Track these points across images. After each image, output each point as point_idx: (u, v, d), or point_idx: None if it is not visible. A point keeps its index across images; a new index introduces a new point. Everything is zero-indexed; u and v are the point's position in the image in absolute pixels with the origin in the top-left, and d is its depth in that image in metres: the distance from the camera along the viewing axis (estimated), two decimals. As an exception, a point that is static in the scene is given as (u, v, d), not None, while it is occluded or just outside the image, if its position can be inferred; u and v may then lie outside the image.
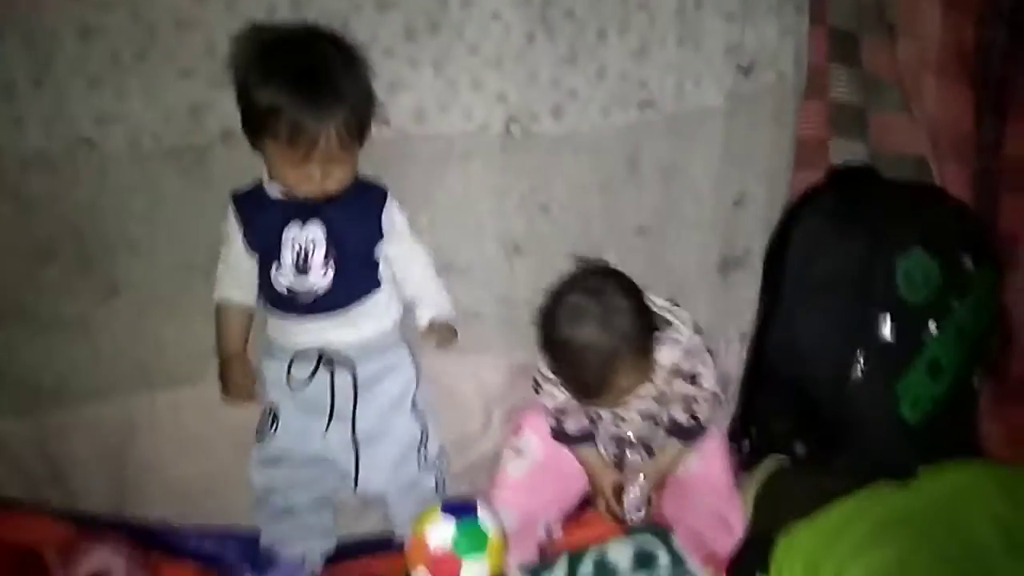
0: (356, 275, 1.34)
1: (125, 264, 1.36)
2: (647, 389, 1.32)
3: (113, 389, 1.40)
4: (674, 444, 1.39)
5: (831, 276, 1.40)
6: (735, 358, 1.58)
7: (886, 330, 1.34)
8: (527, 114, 1.40)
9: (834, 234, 1.42)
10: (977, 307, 1.37)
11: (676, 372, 1.32)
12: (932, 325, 1.35)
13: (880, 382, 1.34)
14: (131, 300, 1.37)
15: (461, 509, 1.30)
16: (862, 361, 1.35)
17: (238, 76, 1.25)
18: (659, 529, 1.41)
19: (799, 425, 1.44)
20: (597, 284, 1.25)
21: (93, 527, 1.33)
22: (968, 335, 1.37)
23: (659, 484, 1.42)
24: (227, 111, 1.29)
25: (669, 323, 1.31)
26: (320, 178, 1.25)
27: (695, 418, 1.36)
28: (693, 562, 1.35)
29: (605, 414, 1.39)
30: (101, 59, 1.27)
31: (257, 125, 1.24)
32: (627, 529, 1.41)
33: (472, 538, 1.27)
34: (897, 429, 1.35)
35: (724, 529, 1.37)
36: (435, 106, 1.38)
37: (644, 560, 1.37)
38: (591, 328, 1.21)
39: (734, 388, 1.57)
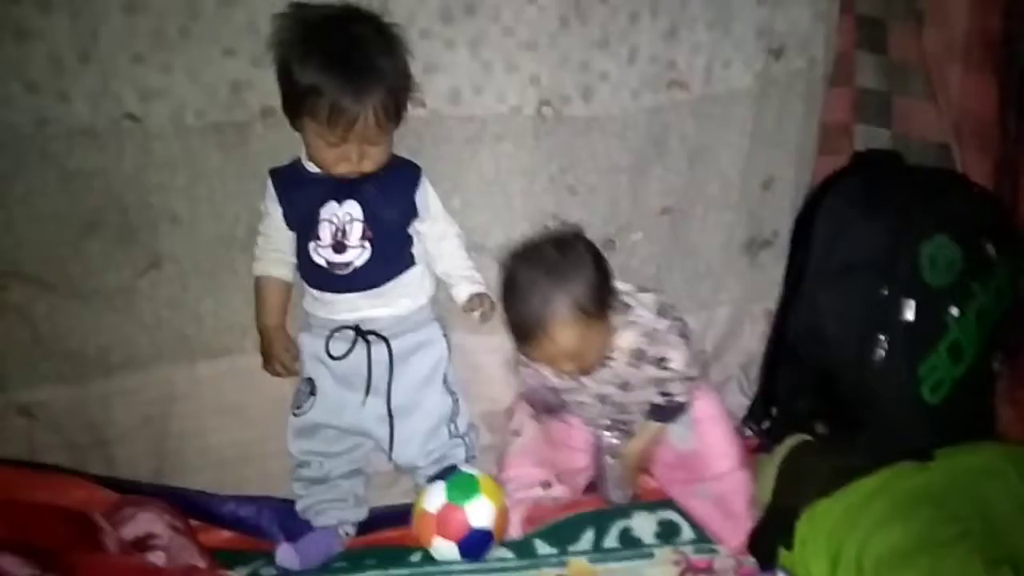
0: (392, 252, 1.37)
1: (167, 237, 1.39)
2: (604, 374, 1.34)
3: (154, 359, 1.43)
4: (650, 425, 1.42)
5: (855, 259, 1.42)
6: (760, 336, 1.61)
7: (909, 313, 1.36)
8: (559, 97, 1.43)
9: (858, 218, 1.44)
10: (998, 292, 1.40)
11: (640, 356, 1.33)
12: (954, 309, 1.37)
13: (902, 364, 1.37)
14: (172, 272, 1.41)
15: (443, 472, 1.39)
16: (885, 343, 1.37)
17: (279, 55, 1.27)
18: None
19: (820, 405, 1.46)
20: (566, 239, 1.29)
21: (134, 493, 1.36)
22: (988, 319, 1.39)
23: (640, 464, 1.44)
24: (268, 89, 1.32)
25: (629, 307, 1.33)
26: (357, 158, 1.28)
27: (669, 396, 1.38)
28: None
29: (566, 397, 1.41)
30: (146, 35, 1.29)
31: (297, 104, 1.26)
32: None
33: (464, 486, 1.35)
34: (918, 410, 1.37)
35: (729, 518, 1.38)
36: (470, 87, 1.40)
37: (668, 532, 1.41)
38: (542, 269, 1.24)
39: (757, 367, 1.61)
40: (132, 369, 1.43)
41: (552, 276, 1.24)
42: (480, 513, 1.34)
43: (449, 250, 1.42)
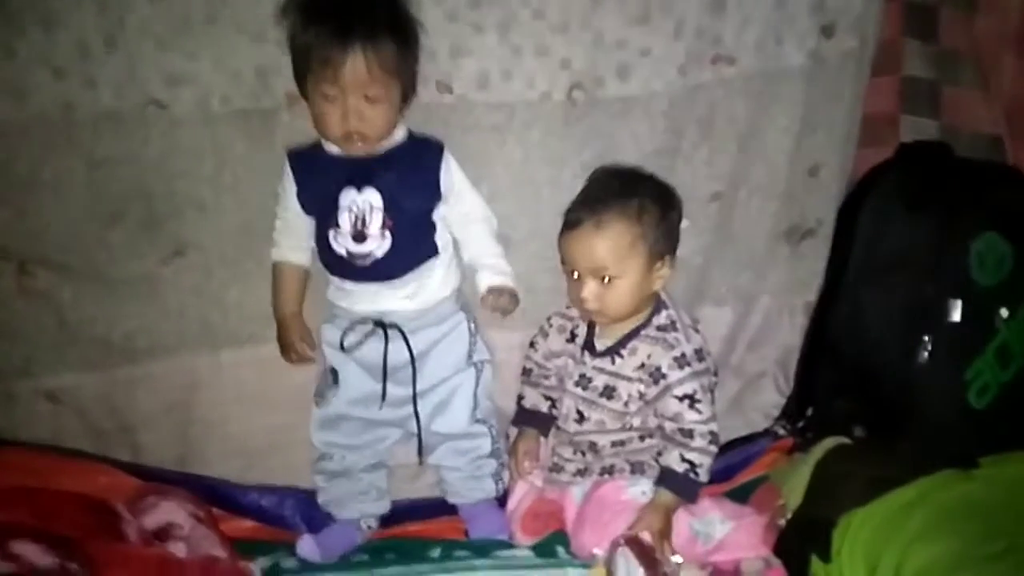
0: (413, 242, 1.33)
1: (192, 225, 1.38)
2: (602, 362, 1.32)
3: (178, 347, 1.43)
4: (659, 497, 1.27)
5: (900, 256, 1.38)
6: (798, 331, 1.57)
7: (956, 314, 1.32)
8: (591, 79, 1.38)
9: (904, 213, 1.39)
10: (1052, 293, 1.34)
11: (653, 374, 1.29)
12: (1004, 310, 1.32)
13: (948, 367, 1.32)
14: (197, 260, 1.40)
15: None
16: (930, 344, 1.33)
17: (287, 27, 1.25)
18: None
19: (860, 407, 1.42)
20: (669, 188, 1.35)
21: (157, 481, 1.36)
22: (1041, 321, 1.34)
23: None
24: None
25: (675, 328, 1.32)
26: (356, 117, 1.23)
27: (691, 462, 1.26)
28: None
29: (573, 374, 1.36)
30: (172, 21, 1.28)
31: (299, 68, 1.24)
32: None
33: None
34: (963, 416, 1.32)
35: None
36: (498, 73, 1.36)
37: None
38: (639, 177, 1.34)
39: (794, 362, 1.56)
40: (156, 356, 1.43)
41: (641, 187, 1.31)
42: None
43: (476, 235, 1.38)
